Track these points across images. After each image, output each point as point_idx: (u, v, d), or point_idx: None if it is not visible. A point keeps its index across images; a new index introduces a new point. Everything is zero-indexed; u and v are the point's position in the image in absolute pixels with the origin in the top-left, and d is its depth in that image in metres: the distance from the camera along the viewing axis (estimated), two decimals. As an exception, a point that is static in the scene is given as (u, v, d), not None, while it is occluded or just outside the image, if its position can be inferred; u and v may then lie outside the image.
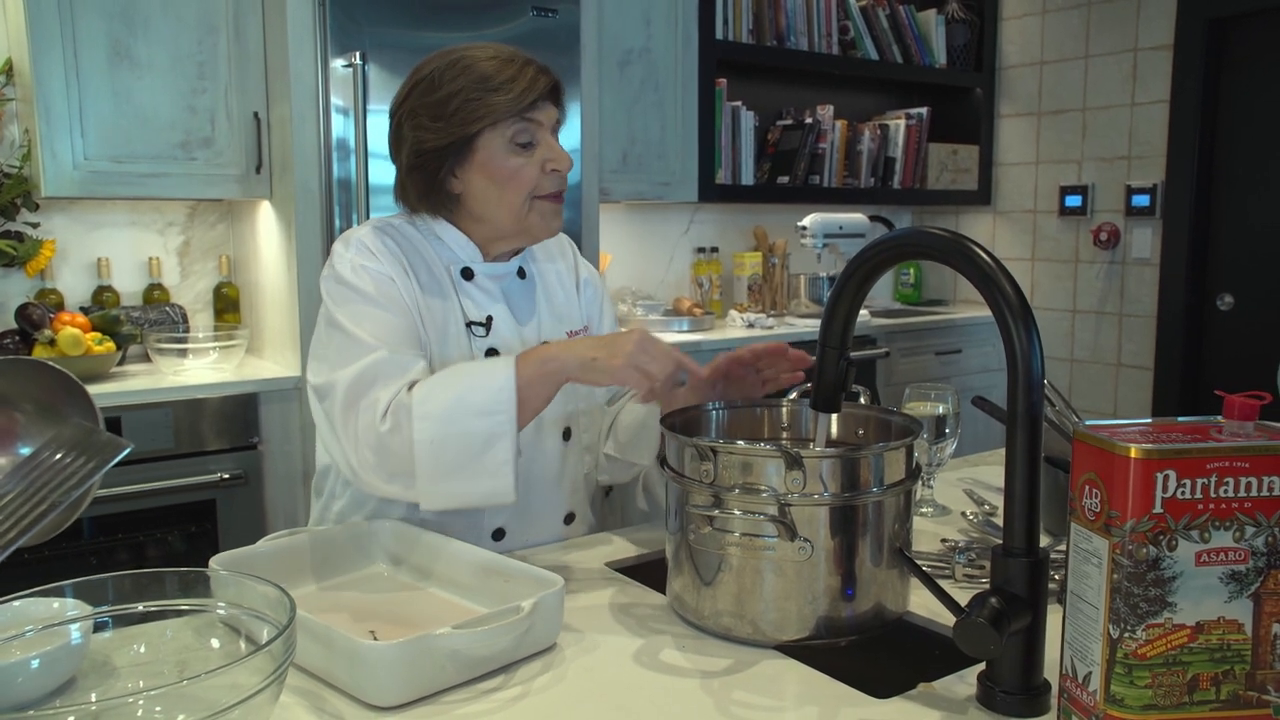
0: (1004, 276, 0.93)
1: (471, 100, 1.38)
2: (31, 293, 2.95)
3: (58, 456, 0.62)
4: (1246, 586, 0.78)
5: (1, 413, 0.65)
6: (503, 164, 1.40)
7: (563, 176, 1.45)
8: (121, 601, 0.91)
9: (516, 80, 1.38)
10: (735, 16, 3.96)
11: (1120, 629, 0.79)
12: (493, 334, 1.47)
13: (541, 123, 1.42)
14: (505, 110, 1.38)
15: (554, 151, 1.43)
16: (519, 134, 1.40)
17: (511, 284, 1.53)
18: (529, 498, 1.47)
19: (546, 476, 1.50)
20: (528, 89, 1.39)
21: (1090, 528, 0.82)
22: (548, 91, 1.42)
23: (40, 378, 0.67)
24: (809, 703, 0.98)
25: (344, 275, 1.40)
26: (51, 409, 0.66)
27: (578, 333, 1.58)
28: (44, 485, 0.60)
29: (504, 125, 1.39)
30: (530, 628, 1.04)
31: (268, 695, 0.85)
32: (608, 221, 3.86)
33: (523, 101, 1.38)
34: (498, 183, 1.41)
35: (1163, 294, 4.12)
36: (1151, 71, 4.09)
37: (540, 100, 1.41)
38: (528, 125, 1.40)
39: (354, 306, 1.37)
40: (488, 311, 1.47)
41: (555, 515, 1.53)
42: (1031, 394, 0.91)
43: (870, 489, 1.07)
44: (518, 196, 1.42)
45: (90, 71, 2.66)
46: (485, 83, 1.38)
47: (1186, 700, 0.79)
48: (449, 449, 1.25)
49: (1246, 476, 0.77)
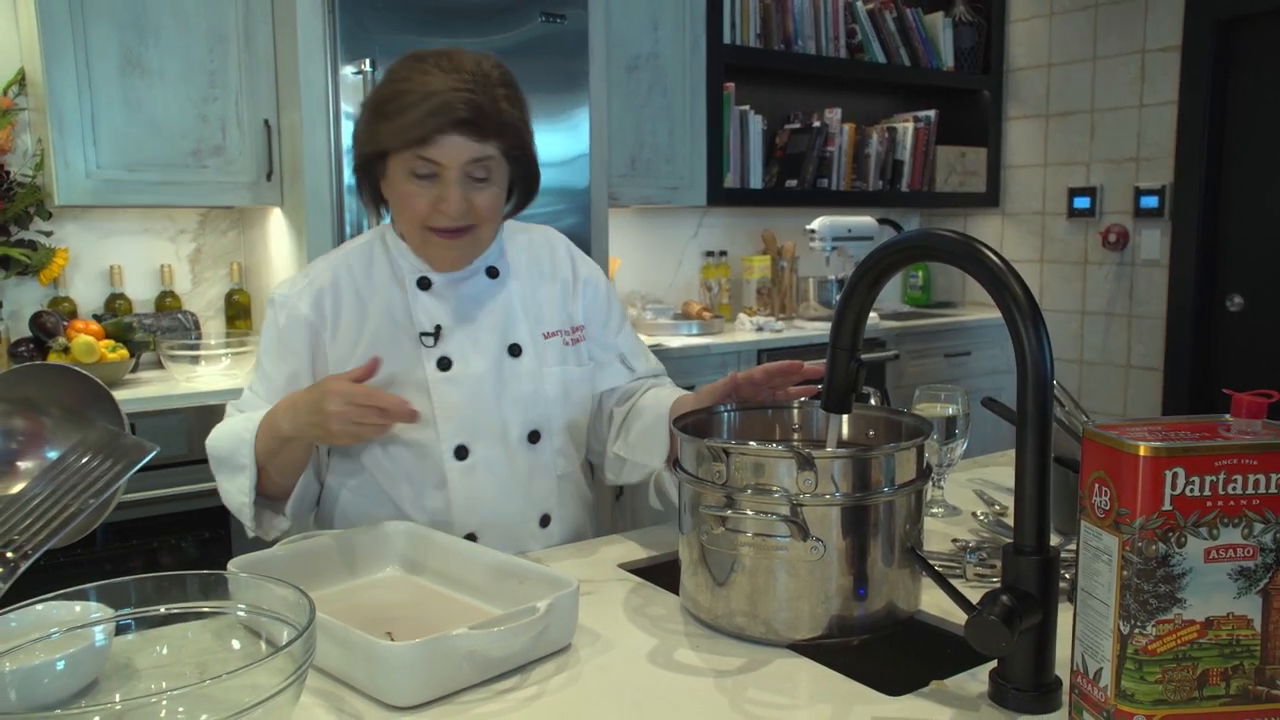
0: (1014, 278, 0.94)
1: (367, 123, 1.38)
2: (45, 300, 2.98)
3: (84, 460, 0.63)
4: (1255, 583, 0.79)
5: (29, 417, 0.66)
6: (399, 188, 1.38)
7: (451, 217, 1.37)
8: (144, 604, 0.92)
9: (410, 112, 1.31)
10: (743, 20, 3.97)
11: (1130, 625, 0.80)
12: (444, 342, 1.47)
13: (439, 161, 1.34)
14: (392, 141, 1.34)
15: (448, 192, 1.35)
16: (417, 166, 1.35)
17: (476, 286, 1.51)
18: (493, 502, 1.49)
19: (513, 479, 1.50)
20: (417, 124, 1.31)
21: (1100, 525, 0.82)
22: (454, 126, 1.32)
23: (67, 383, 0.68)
24: (822, 700, 0.98)
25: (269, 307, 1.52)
26: (78, 413, 0.67)
27: (557, 333, 1.56)
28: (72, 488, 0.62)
29: (399, 156, 1.35)
30: (546, 628, 1.05)
31: (288, 695, 0.86)
32: (616, 226, 3.87)
33: (408, 136, 1.32)
34: (398, 205, 1.42)
35: (1172, 295, 4.12)
36: (1159, 73, 4.09)
37: (440, 137, 1.32)
38: (423, 162, 1.34)
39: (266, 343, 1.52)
40: (437, 320, 1.47)
41: (527, 518, 1.52)
42: (1041, 394, 0.92)
43: (881, 489, 1.08)
44: (411, 223, 1.41)
45: (102, 81, 2.68)
46: (380, 106, 1.35)
47: (1196, 695, 0.80)
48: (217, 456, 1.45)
49: (1254, 474, 0.78)
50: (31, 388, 0.67)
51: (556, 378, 1.53)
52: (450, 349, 1.47)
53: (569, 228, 3.11)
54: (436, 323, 1.47)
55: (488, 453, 1.48)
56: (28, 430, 0.66)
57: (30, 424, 0.66)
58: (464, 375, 1.47)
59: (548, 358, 1.54)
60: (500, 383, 1.49)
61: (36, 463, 0.66)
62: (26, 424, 0.66)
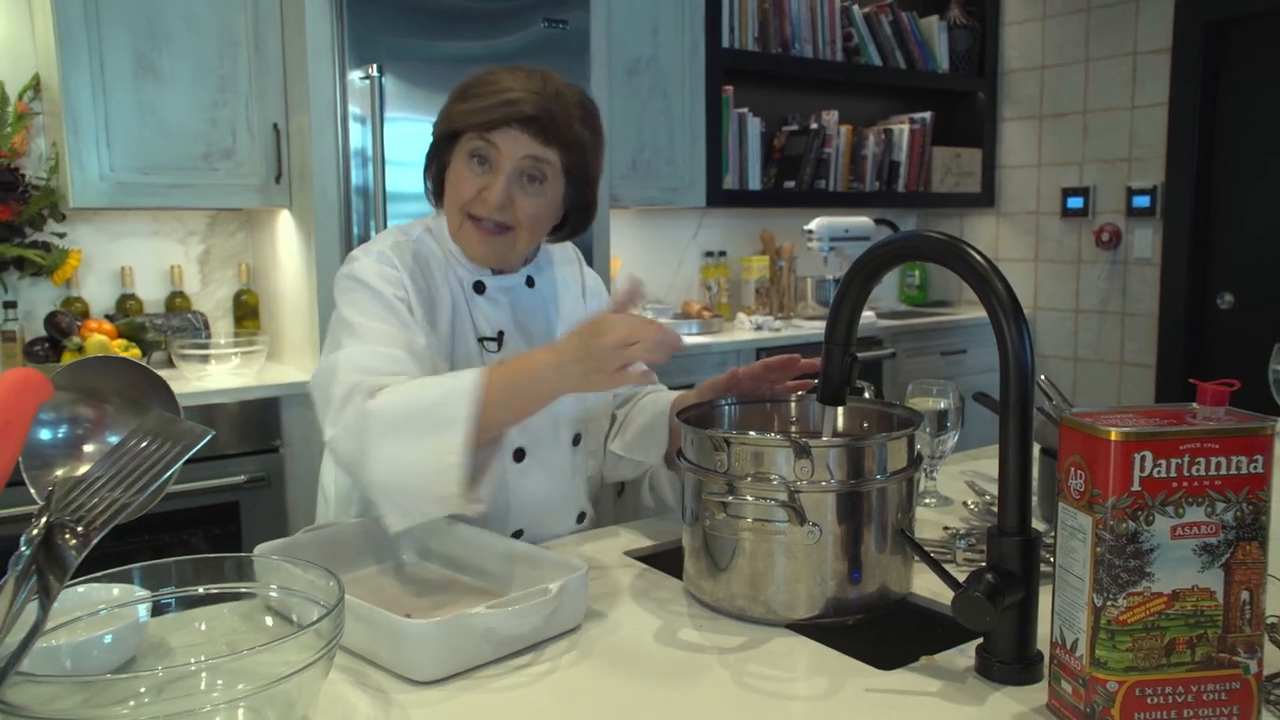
0: (996, 276, 1.01)
1: (451, 101, 1.45)
2: (58, 301, 3.04)
3: (144, 444, 0.69)
4: (1218, 557, 0.85)
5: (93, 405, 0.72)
6: (456, 167, 1.44)
7: (490, 207, 1.41)
8: (183, 585, 0.98)
9: (487, 96, 1.39)
10: (741, 25, 4.04)
11: (1103, 598, 0.86)
12: (505, 349, 1.51)
13: (499, 147, 1.40)
14: (462, 119, 1.41)
15: (494, 183, 1.40)
16: (478, 148, 1.41)
17: (520, 294, 1.56)
18: (543, 501, 1.54)
19: (561, 478, 1.56)
20: (490, 108, 1.39)
21: (1076, 506, 0.89)
22: (518, 120, 1.39)
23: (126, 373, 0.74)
24: (819, 675, 1.05)
25: (360, 275, 1.43)
26: (136, 402, 0.73)
27: None
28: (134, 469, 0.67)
29: (467, 136, 1.42)
30: (557, 608, 1.11)
31: (319, 669, 0.92)
32: (618, 227, 3.94)
33: (479, 118, 1.39)
34: (449, 184, 1.46)
35: (1164, 293, 4.19)
36: (1151, 74, 4.16)
37: (505, 127, 1.39)
38: (484, 145, 1.40)
39: (364, 304, 1.40)
40: (499, 326, 1.51)
41: (569, 514, 1.59)
42: (1022, 385, 0.99)
43: (874, 476, 1.15)
44: (454, 204, 1.45)
45: (116, 86, 2.75)
46: (464, 90, 1.43)
47: (1164, 662, 0.86)
48: (404, 410, 1.25)
49: (1216, 456, 0.84)
50: (93, 378, 0.73)
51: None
52: (507, 355, 1.48)
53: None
54: (499, 329, 1.51)
55: (541, 455, 1.53)
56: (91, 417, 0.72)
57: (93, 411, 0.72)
58: None
59: None
60: None
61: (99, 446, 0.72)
62: (90, 411, 0.72)
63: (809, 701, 1.00)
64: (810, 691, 1.01)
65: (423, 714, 0.98)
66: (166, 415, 0.72)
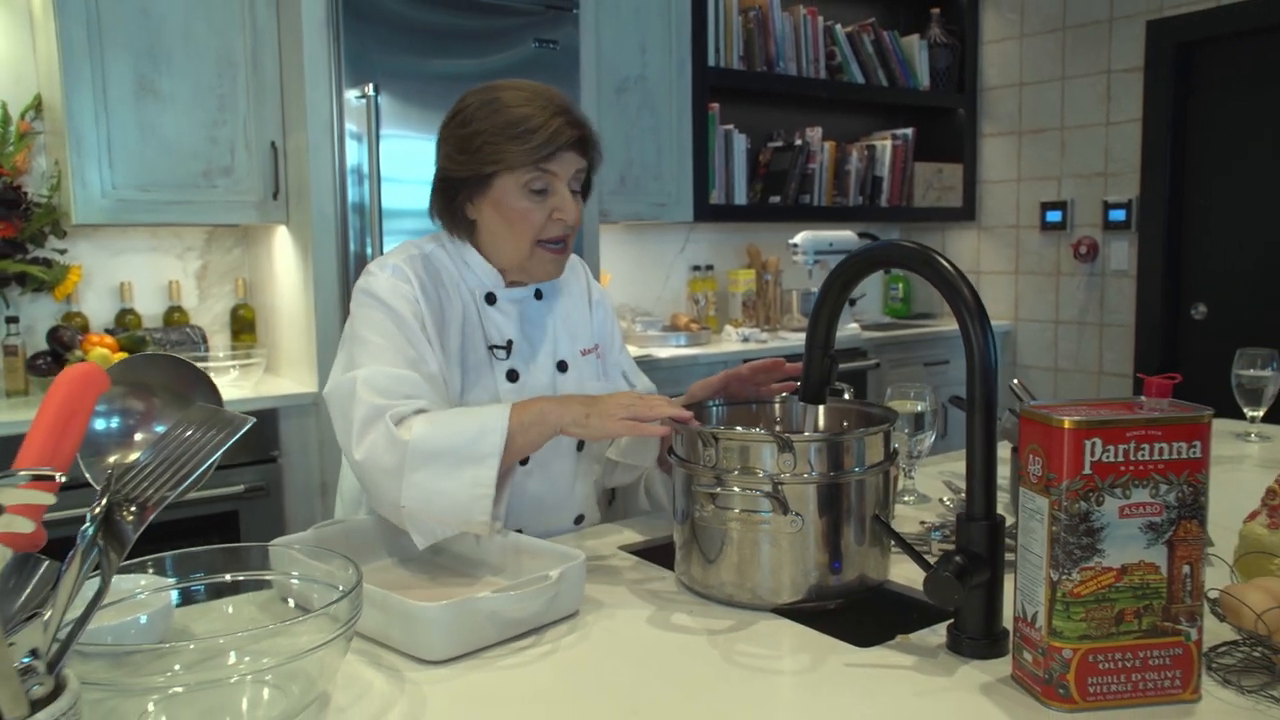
0: (963, 282, 1.09)
1: (492, 144, 1.47)
2: (58, 316, 3.10)
3: (189, 432, 0.76)
4: (1161, 535, 0.93)
5: (142, 398, 0.79)
6: (514, 205, 1.50)
7: (568, 225, 1.53)
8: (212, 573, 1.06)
9: (539, 132, 1.46)
10: (727, 44, 4.14)
11: (1059, 573, 0.94)
12: (513, 356, 1.59)
13: (557, 173, 1.49)
14: (522, 159, 1.47)
15: (564, 202, 1.51)
16: (533, 181, 1.49)
17: (529, 306, 1.64)
18: (544, 504, 1.62)
19: (561, 481, 1.64)
20: (547, 142, 1.46)
21: (1034, 489, 0.97)
22: (571, 143, 1.49)
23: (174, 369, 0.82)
24: (801, 652, 1.13)
25: (376, 292, 1.51)
26: (181, 395, 0.81)
27: (590, 351, 1.70)
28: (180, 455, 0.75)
29: (520, 171, 1.48)
30: (557, 594, 1.19)
31: (338, 647, 0.99)
32: (607, 241, 4.03)
33: (540, 154, 1.46)
34: (507, 221, 1.52)
35: (1140, 304, 4.30)
36: (1124, 92, 4.28)
37: (561, 152, 1.48)
38: (542, 175, 1.49)
39: (380, 322, 1.48)
40: (508, 335, 1.60)
41: (567, 516, 1.66)
42: (987, 382, 1.07)
43: (853, 469, 1.23)
44: (523, 238, 1.52)
45: (118, 105, 2.82)
46: (509, 129, 1.47)
47: (1114, 630, 0.94)
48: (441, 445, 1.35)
49: (1160, 443, 0.93)
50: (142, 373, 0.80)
51: (594, 391, 1.66)
52: (516, 363, 1.59)
53: (562, 243, 3.25)
54: (508, 338, 1.59)
55: (546, 459, 1.60)
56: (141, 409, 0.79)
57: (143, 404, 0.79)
58: (528, 388, 1.59)
59: (585, 373, 1.67)
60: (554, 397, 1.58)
61: (148, 436, 0.79)
62: (140, 404, 0.80)
63: (793, 675, 1.07)
64: (794, 667, 1.09)
65: (434, 690, 1.05)
66: (210, 407, 0.79)
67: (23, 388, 2.95)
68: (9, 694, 0.62)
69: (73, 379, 0.71)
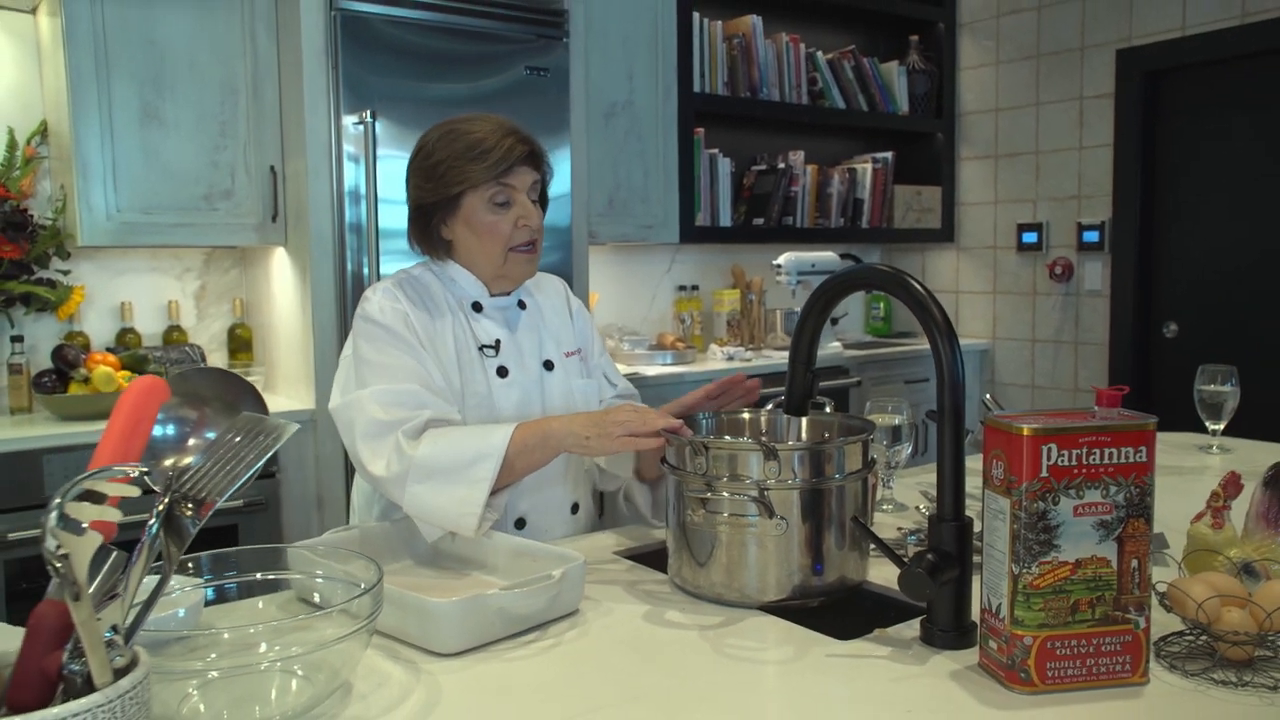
0: (933, 302, 1.19)
1: (455, 167, 1.66)
2: (60, 335, 3.18)
3: (238, 438, 0.85)
4: (1112, 531, 1.03)
5: (195, 407, 0.88)
6: (482, 219, 1.68)
7: (533, 230, 1.71)
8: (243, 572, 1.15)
9: (494, 150, 1.64)
10: (711, 70, 4.26)
11: (1020, 567, 1.04)
12: (501, 354, 1.74)
13: (515, 186, 1.68)
14: (482, 176, 1.65)
15: (526, 210, 1.69)
16: (496, 195, 1.67)
17: (513, 313, 1.80)
18: (541, 491, 1.73)
19: (556, 472, 1.74)
20: (502, 158, 1.65)
21: (997, 491, 1.07)
22: (523, 158, 1.67)
23: (223, 381, 0.90)
24: (786, 644, 1.22)
25: (373, 316, 1.67)
26: (230, 404, 0.89)
27: (573, 353, 1.85)
28: (229, 458, 0.83)
29: (483, 188, 1.66)
30: (559, 592, 1.28)
31: (359, 639, 1.08)
32: (595, 262, 4.13)
33: (497, 170, 1.65)
34: (479, 235, 1.70)
35: (1113, 323, 4.42)
36: (1096, 117, 4.41)
37: (516, 166, 1.66)
38: (503, 188, 1.67)
39: (380, 342, 1.64)
40: (495, 335, 1.75)
41: (565, 505, 1.79)
42: (954, 394, 1.17)
43: (834, 476, 1.33)
44: (496, 247, 1.70)
45: (123, 131, 2.91)
46: (468, 152, 1.66)
47: (1070, 619, 1.04)
48: (440, 464, 1.51)
49: (1109, 448, 1.03)
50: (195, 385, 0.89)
51: (580, 388, 1.82)
52: (505, 360, 1.74)
53: (552, 264, 3.36)
54: (496, 338, 1.75)
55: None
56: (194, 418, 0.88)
57: (196, 412, 0.88)
58: (517, 382, 1.74)
59: (571, 372, 1.82)
60: (542, 392, 1.76)
61: (200, 442, 0.88)
62: (194, 412, 0.89)
63: (778, 665, 1.17)
64: (779, 657, 1.19)
65: (448, 679, 1.14)
66: (256, 415, 0.88)
67: (26, 405, 3.02)
68: (98, 662, 0.71)
69: (140, 390, 0.80)
